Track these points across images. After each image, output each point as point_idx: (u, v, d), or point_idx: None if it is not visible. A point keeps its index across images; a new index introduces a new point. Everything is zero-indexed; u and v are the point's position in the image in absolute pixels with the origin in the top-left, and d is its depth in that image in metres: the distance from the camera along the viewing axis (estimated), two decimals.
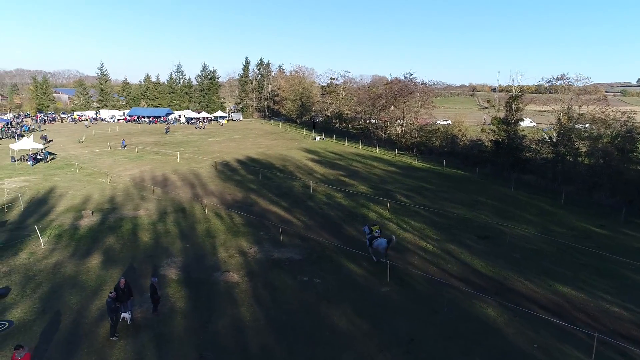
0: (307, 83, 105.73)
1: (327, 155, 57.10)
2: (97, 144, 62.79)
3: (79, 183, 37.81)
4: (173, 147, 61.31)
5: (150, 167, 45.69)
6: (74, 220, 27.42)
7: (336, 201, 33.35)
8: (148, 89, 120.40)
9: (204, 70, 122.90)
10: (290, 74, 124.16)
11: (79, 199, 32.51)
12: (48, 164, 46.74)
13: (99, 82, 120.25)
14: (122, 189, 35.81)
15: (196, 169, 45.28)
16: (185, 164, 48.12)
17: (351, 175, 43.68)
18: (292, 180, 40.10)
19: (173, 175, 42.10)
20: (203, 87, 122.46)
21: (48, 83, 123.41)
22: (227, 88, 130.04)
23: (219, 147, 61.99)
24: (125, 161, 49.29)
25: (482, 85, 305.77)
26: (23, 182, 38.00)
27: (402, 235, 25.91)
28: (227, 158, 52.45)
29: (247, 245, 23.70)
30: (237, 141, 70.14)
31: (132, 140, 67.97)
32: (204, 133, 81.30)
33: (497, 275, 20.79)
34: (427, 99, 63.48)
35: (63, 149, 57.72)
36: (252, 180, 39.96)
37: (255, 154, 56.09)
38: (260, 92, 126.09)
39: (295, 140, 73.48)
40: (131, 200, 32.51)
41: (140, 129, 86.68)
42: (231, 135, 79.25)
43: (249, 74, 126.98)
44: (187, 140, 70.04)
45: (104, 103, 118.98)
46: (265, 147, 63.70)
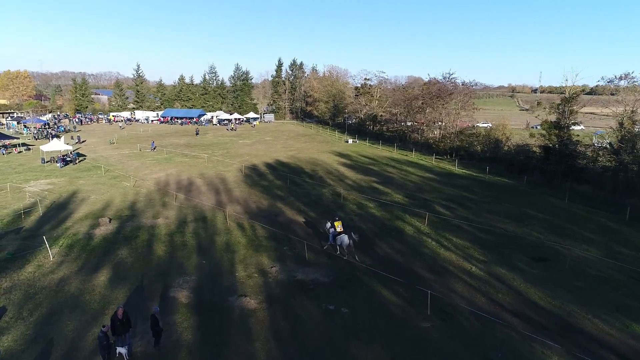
0: (340, 84, 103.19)
1: (359, 159, 54.33)
2: (128, 145, 62.50)
3: (102, 187, 36.74)
4: (202, 149, 60.16)
5: (176, 171, 44.38)
6: (89, 228, 25.96)
7: (369, 212, 30.60)
8: (182, 90, 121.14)
9: (237, 71, 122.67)
10: (323, 74, 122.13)
11: (99, 204, 31.23)
12: (76, 165, 46.26)
13: (135, 83, 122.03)
14: (144, 194, 34.38)
15: (223, 173, 43.58)
16: (213, 167, 46.56)
17: (385, 182, 40.75)
18: (322, 187, 37.60)
19: (199, 179, 40.51)
20: (236, 88, 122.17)
21: (87, 84, 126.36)
22: (260, 89, 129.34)
23: (249, 150, 60.37)
24: (152, 164, 48.27)
25: (521, 86, 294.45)
26: (48, 184, 37.30)
27: (443, 255, 22.91)
28: (256, 161, 50.61)
29: (269, 263, 21.36)
30: (268, 143, 68.42)
31: (162, 141, 67.51)
32: (234, 135, 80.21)
33: (558, 309, 17.52)
34: (468, 101, 59.52)
35: (94, 150, 57.61)
36: (279, 187, 37.77)
37: (285, 158, 54.02)
38: (292, 94, 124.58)
39: (327, 143, 71.08)
40: (152, 206, 30.92)
41: (172, 130, 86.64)
42: (262, 137, 77.74)
43: (281, 75, 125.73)
44: (217, 142, 68.94)
45: (139, 104, 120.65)
46: (295, 150, 61.60)
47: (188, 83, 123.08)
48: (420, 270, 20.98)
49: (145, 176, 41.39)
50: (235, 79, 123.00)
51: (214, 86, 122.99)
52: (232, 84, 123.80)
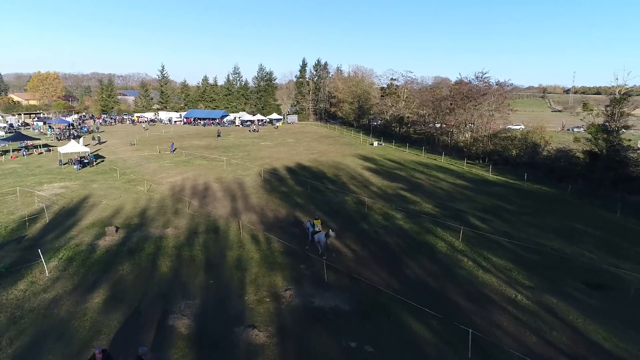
0: (365, 84, 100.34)
1: (385, 163, 51.48)
2: (148, 147, 61.44)
3: (116, 191, 35.21)
4: (222, 151, 58.51)
5: (194, 174, 42.65)
6: (94, 238, 24.19)
7: (396, 224, 27.85)
8: (205, 91, 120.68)
9: (261, 72, 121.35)
10: (348, 75, 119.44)
11: (109, 211, 29.57)
12: (94, 168, 45.14)
13: (160, 84, 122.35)
14: (157, 200, 32.60)
15: (241, 177, 41.56)
16: (232, 171, 44.64)
17: (413, 189, 37.86)
18: (345, 195, 35.03)
19: (215, 184, 38.60)
20: (259, 88, 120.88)
21: (113, 85, 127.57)
22: (284, 90, 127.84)
23: (270, 153, 58.35)
24: (170, 166, 46.74)
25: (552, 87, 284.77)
26: (61, 188, 36.04)
27: (481, 278, 20.03)
28: (277, 165, 48.46)
29: (283, 285, 18.96)
30: (290, 146, 66.31)
31: (182, 143, 66.28)
32: (256, 136, 78.50)
33: (632, 357, 14.45)
34: (503, 102, 55.72)
35: (114, 152, 56.72)
36: (299, 193, 35.41)
37: (307, 161, 51.70)
38: (316, 94, 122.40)
39: (351, 145, 68.43)
40: (163, 214, 29.05)
41: (194, 131, 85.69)
42: (284, 139, 75.73)
43: (305, 76, 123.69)
44: (238, 144, 67.27)
45: (163, 105, 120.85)
46: (318, 152, 59.22)
47: (212, 84, 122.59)
48: (456, 298, 18.17)
49: (161, 180, 39.78)
50: (259, 80, 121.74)
51: (238, 87, 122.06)
52: (256, 84, 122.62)
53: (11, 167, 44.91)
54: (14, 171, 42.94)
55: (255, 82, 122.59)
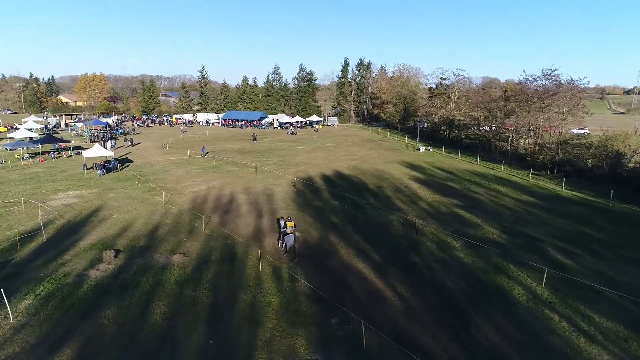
0: (411, 84, 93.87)
1: (435, 173, 45.45)
2: (180, 150, 58.44)
3: (132, 202, 31.58)
4: (256, 156, 54.48)
5: (221, 183, 38.60)
6: (87, 266, 20.23)
7: (454, 256, 22.20)
8: (245, 92, 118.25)
9: (301, 72, 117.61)
10: (392, 75, 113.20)
11: (117, 228, 25.75)
12: (116, 174, 42.11)
13: (200, 85, 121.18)
14: (173, 215, 28.56)
15: (272, 187, 37.03)
16: (262, 179, 40.25)
17: (471, 206, 31.86)
18: (389, 213, 29.58)
19: (242, 195, 34.26)
20: (299, 89, 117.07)
21: (154, 87, 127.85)
22: (324, 91, 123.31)
23: (306, 158, 53.69)
24: (197, 173, 43.01)
25: (611, 87, 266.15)
26: (75, 197, 32.86)
27: (586, 354, 14.12)
28: (312, 173, 43.66)
29: (306, 351, 13.96)
30: (329, 150, 61.41)
31: (216, 146, 62.98)
32: (294, 140, 74.20)
33: None
34: (578, 103, 47.97)
35: (143, 155, 53.99)
36: (335, 210, 30.33)
37: (346, 169, 46.56)
38: (358, 95, 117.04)
39: (396, 150, 62.61)
40: (175, 233, 24.86)
41: (230, 134, 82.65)
42: (323, 142, 70.95)
43: (347, 76, 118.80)
44: (274, 147, 63.13)
45: (203, 106, 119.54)
46: (359, 159, 53.95)
47: (251, 84, 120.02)
48: None
49: (183, 189, 35.93)
50: (299, 80, 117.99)
51: (277, 88, 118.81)
52: (296, 85, 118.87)
53: (34, 172, 42.70)
54: (35, 176, 40.59)
55: (296, 83, 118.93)
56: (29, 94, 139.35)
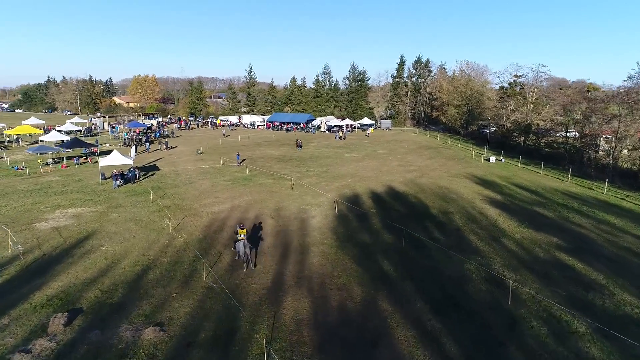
0: (476, 83, 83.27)
1: (515, 192, 36.19)
2: (215, 156, 52.70)
3: (133, 227, 25.46)
4: (296, 165, 47.52)
5: (249, 201, 31.88)
6: (24, 339, 13.89)
7: (581, 353, 13.67)
8: (293, 93, 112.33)
9: (353, 71, 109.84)
10: (453, 73, 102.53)
11: (96, 269, 19.49)
12: (133, 186, 36.61)
13: (247, 85, 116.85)
14: (176, 249, 21.97)
15: (308, 209, 29.75)
16: (299, 197, 33.11)
17: (580, 249, 22.79)
18: (464, 258, 21.21)
19: (269, 220, 27.23)
20: (351, 90, 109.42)
21: (202, 88, 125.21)
22: (377, 91, 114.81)
23: (354, 169, 45.97)
24: (225, 186, 36.62)
25: None
26: (71, 218, 27.25)
27: None
28: (360, 189, 35.96)
29: None
30: (380, 159, 53.31)
31: (255, 152, 56.77)
32: (342, 145, 66.63)
33: None
34: None
35: (172, 162, 48.65)
36: (388, 250, 22.43)
37: (402, 184, 38.39)
38: (415, 96, 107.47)
39: (460, 160, 53.34)
40: (167, 282, 18.17)
41: (274, 137, 76.50)
42: (374, 149, 62.85)
43: (403, 75, 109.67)
44: (318, 155, 55.91)
45: (250, 107, 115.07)
46: (416, 170, 45.49)
47: (300, 85, 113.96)
48: None
49: (202, 208, 29.51)
50: (351, 80, 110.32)
51: (327, 88, 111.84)
52: (347, 85, 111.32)
53: (48, 181, 38.17)
54: (46, 186, 35.91)
55: (346, 83, 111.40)
56: (85, 95, 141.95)
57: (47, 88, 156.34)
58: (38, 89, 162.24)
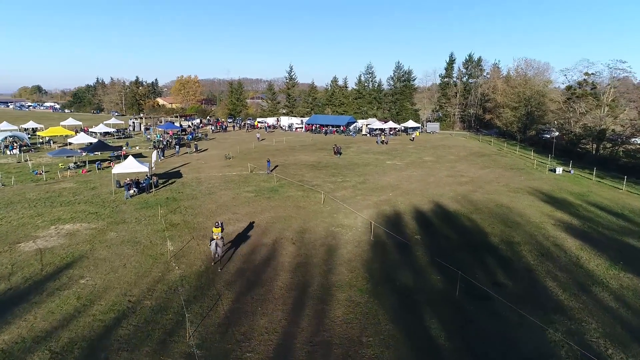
0: (536, 83, 74.78)
1: (594, 214, 29.41)
2: (245, 162, 48.67)
3: (129, 251, 21.47)
4: (331, 174, 42.52)
5: (270, 218, 27.27)
6: None
7: None
8: (334, 94, 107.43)
9: (398, 71, 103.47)
10: (508, 73, 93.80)
11: (61, 314, 15.44)
12: (149, 195, 33.01)
13: (287, 86, 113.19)
14: (166, 288, 17.62)
15: (338, 232, 24.70)
16: (329, 215, 28.14)
17: None
18: (543, 323, 15.37)
19: (291, 246, 22.45)
20: (395, 91, 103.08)
21: (242, 88, 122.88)
22: (424, 92, 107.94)
23: (396, 179, 40.38)
24: (247, 199, 32.24)
25: None
26: (63, 237, 23.67)
27: None
28: (402, 206, 30.47)
29: None
30: (426, 167, 47.32)
31: (288, 158, 52.34)
32: (384, 151, 60.95)
33: None
34: None
35: (197, 168, 45.02)
36: (435, 300, 16.95)
37: (452, 200, 32.52)
38: (465, 97, 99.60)
39: (520, 171, 46.33)
40: (140, 342, 13.79)
41: (311, 141, 71.90)
42: (419, 155, 56.77)
43: (452, 74, 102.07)
44: (356, 162, 50.62)
45: (290, 109, 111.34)
46: (469, 182, 39.29)
47: (341, 86, 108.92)
48: None
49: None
50: (395, 80, 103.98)
51: (370, 89, 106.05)
52: (391, 86, 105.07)
53: (62, 188, 35.32)
54: (56, 195, 32.95)
55: (391, 84, 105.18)
56: (129, 96, 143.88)
57: (95, 89, 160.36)
58: (87, 90, 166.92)
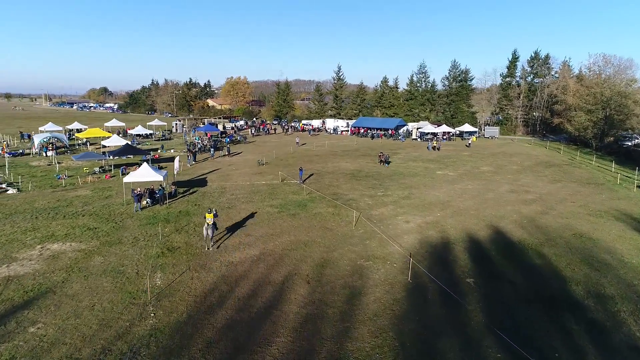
0: (617, 82, 64.80)
1: None
2: (279, 169, 44.54)
3: (106, 285, 17.68)
4: (371, 185, 37.28)
5: (287, 244, 22.68)
6: None
7: None
8: (383, 95, 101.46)
9: (454, 70, 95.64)
10: (580, 71, 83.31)
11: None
12: (162, 207, 29.53)
13: (334, 87, 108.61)
14: (126, 348, 13.38)
15: (366, 268, 19.59)
16: (359, 242, 23.07)
17: None
18: None
19: (303, 286, 17.69)
20: (450, 91, 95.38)
21: (289, 90, 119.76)
22: (482, 94, 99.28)
23: (447, 194, 34.40)
24: (268, 216, 27.85)
25: None
26: (47, 258, 20.41)
27: None
28: (452, 232, 24.75)
29: None
30: (484, 179, 40.78)
31: (327, 165, 47.61)
32: (435, 158, 54.60)
33: None
34: None
35: (226, 175, 41.41)
36: None
37: (516, 224, 26.30)
38: (530, 99, 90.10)
39: (599, 186, 38.58)
40: None
41: (355, 146, 66.70)
42: (475, 164, 49.99)
43: (515, 74, 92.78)
44: (401, 171, 44.86)
45: (337, 111, 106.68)
46: (536, 200, 32.64)
47: (392, 86, 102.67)
48: None
49: (218, 255, 20.99)
50: (450, 80, 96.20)
51: (422, 90, 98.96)
52: (446, 86, 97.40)
53: (73, 197, 32.77)
54: (65, 204, 30.35)
55: (445, 84, 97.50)
56: (180, 97, 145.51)
57: (149, 90, 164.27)
58: (142, 91, 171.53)
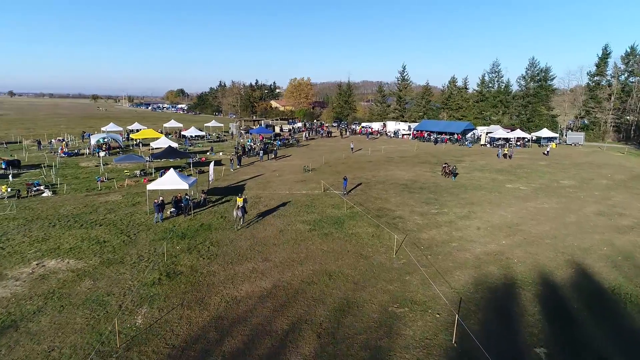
0: None
1: None
2: (325, 176, 40.81)
3: (77, 323, 15.00)
4: (425, 199, 32.26)
5: (307, 276, 18.90)
6: None
7: None
8: (451, 97, 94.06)
9: (532, 69, 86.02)
10: None
11: None
12: (185, 220, 26.92)
13: (398, 88, 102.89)
14: None
15: (399, 319, 15.16)
16: (397, 277, 18.63)
17: None
18: None
19: (309, 342, 13.86)
20: (527, 92, 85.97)
21: (351, 91, 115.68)
22: (564, 95, 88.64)
23: (517, 214, 28.51)
24: (296, 235, 24.16)
25: None
26: (36, 279, 18.28)
27: None
28: (519, 268, 19.50)
29: None
30: (564, 196, 34.10)
31: (378, 174, 43.03)
32: (505, 168, 47.79)
33: None
34: None
35: (267, 182, 38.38)
36: None
37: (606, 261, 20.37)
38: (624, 101, 78.64)
39: None
40: None
41: (414, 151, 61.15)
42: (554, 176, 42.77)
43: (605, 72, 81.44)
44: (464, 182, 39.08)
45: (400, 113, 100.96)
46: (634, 226, 26.04)
47: (460, 87, 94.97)
48: None
49: (221, 286, 17.69)
50: (528, 80, 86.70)
51: (494, 90, 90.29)
52: (522, 87, 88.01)
53: (101, 202, 31.24)
54: (89, 211, 28.80)
55: (522, 84, 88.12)
56: (244, 98, 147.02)
57: (216, 92, 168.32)
58: (210, 93, 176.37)
